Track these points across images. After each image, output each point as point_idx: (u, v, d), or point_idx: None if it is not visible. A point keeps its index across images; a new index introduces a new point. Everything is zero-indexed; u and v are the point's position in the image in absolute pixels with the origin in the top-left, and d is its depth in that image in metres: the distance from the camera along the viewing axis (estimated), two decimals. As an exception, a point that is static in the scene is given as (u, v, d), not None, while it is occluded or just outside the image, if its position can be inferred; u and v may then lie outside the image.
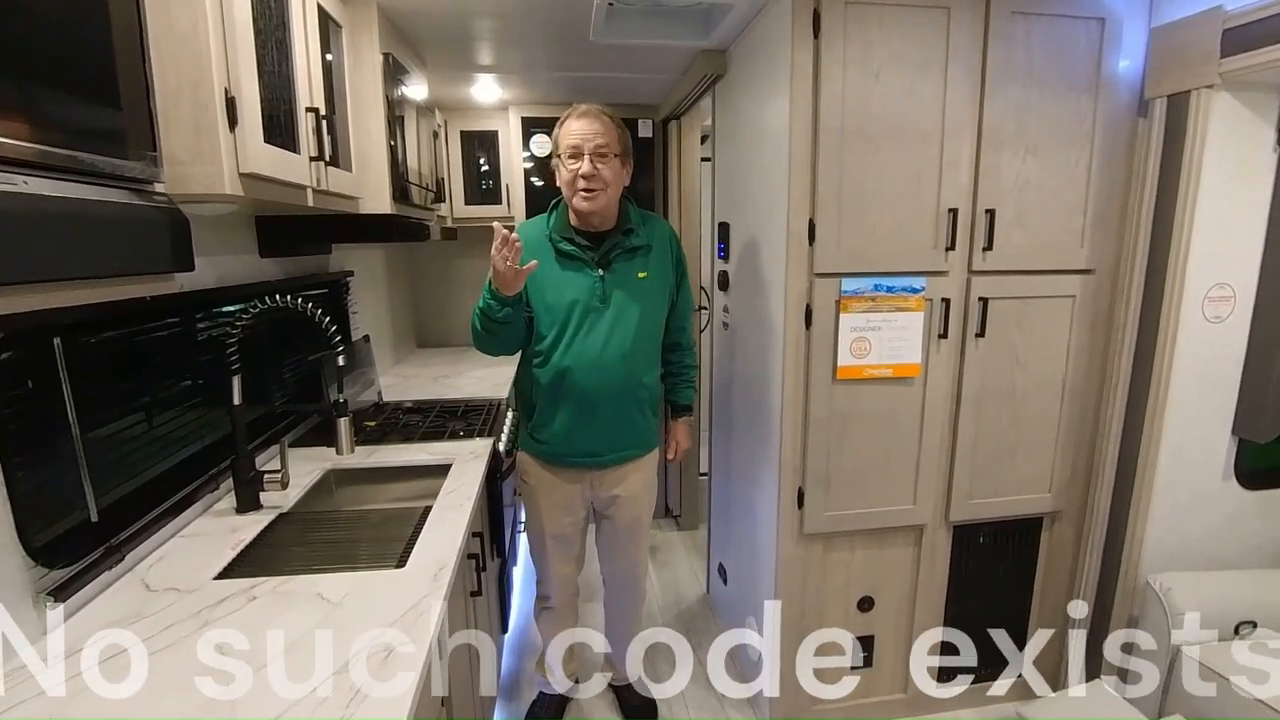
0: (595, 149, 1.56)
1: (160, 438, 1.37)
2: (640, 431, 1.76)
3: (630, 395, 1.69)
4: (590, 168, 1.56)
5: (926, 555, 1.91)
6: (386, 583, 1.14)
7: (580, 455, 1.72)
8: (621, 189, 1.66)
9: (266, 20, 1.20)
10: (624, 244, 1.66)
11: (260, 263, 1.78)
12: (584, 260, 1.64)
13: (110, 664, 0.93)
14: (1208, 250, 1.66)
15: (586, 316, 1.63)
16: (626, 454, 1.76)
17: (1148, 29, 1.71)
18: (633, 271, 1.67)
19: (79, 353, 1.12)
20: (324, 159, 1.41)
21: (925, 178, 1.67)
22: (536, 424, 1.74)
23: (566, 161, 1.59)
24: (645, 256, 1.69)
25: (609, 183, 1.59)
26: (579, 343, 1.63)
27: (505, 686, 2.17)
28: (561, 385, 1.65)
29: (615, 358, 1.63)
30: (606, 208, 1.62)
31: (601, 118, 1.59)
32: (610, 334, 1.63)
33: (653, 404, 1.78)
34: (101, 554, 1.12)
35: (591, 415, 1.67)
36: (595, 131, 1.56)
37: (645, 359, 1.71)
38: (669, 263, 1.74)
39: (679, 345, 1.86)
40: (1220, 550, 1.85)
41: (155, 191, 1.01)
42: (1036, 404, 1.86)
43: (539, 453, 1.76)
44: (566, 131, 1.59)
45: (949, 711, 2.05)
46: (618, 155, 1.60)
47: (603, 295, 1.63)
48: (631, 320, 1.65)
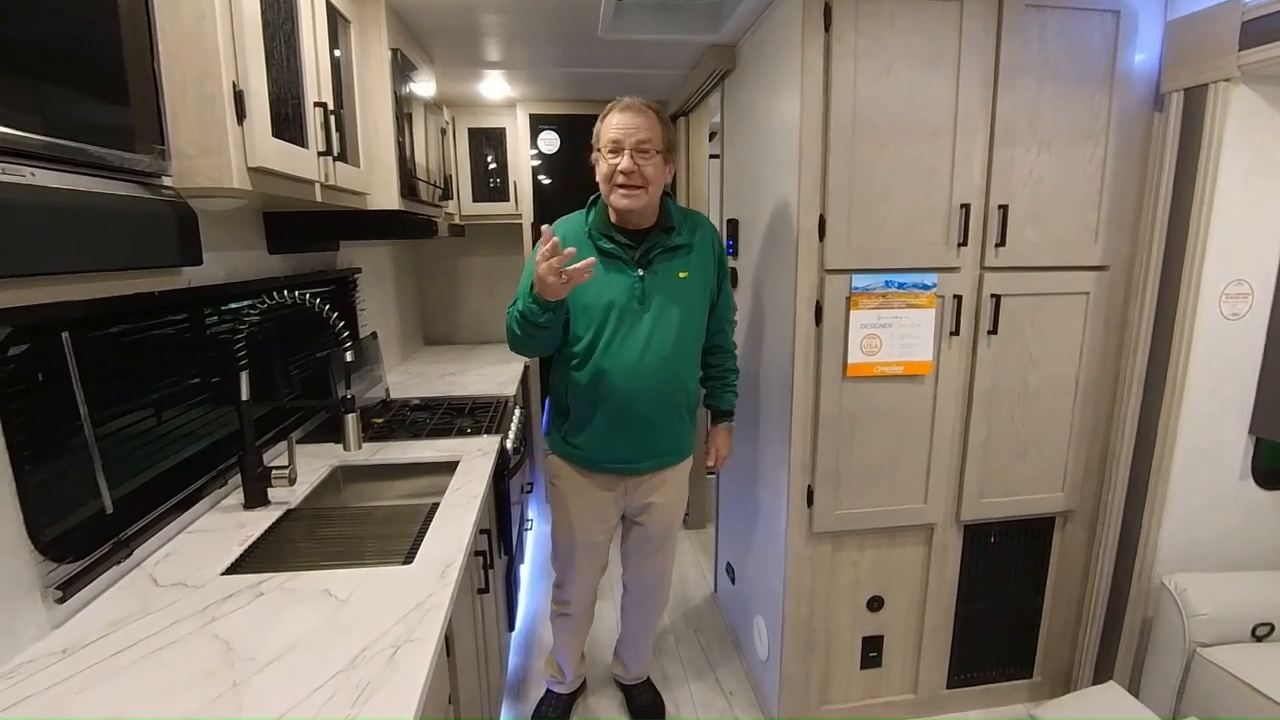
0: (637, 144, 1.49)
1: (168, 433, 1.37)
2: (678, 438, 1.71)
3: (669, 401, 1.63)
4: (631, 163, 1.49)
5: (937, 554, 1.90)
6: (394, 579, 1.14)
7: (616, 462, 1.67)
8: (663, 187, 1.60)
9: (274, 14, 1.20)
10: (664, 243, 1.59)
11: (268, 259, 1.77)
12: (623, 259, 1.57)
13: (117, 659, 0.93)
14: (1225, 246, 1.63)
15: (625, 318, 1.57)
16: (664, 461, 1.71)
17: (1163, 22, 1.68)
18: (673, 271, 1.60)
19: (87, 347, 1.12)
20: (332, 154, 1.40)
21: (937, 173, 1.66)
22: (570, 428, 1.69)
23: (606, 155, 1.53)
24: (686, 256, 1.62)
25: (650, 180, 1.52)
26: (617, 345, 1.57)
27: (512, 684, 2.17)
28: (598, 389, 1.59)
29: (655, 362, 1.58)
30: (646, 206, 1.56)
31: (646, 112, 1.52)
32: (650, 337, 1.57)
33: (691, 410, 1.72)
34: (109, 549, 1.12)
35: (629, 421, 1.61)
36: (638, 126, 1.50)
37: (685, 363, 1.65)
38: (710, 262, 1.68)
39: (720, 348, 1.80)
40: (1237, 551, 1.82)
41: (163, 185, 1.00)
42: (1049, 402, 1.84)
43: (572, 457, 1.71)
44: (608, 125, 1.53)
45: (959, 712, 2.03)
46: (660, 152, 1.53)
47: (642, 296, 1.57)
48: (672, 322, 1.59)
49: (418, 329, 3.54)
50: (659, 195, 1.59)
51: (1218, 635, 1.64)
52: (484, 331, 3.65)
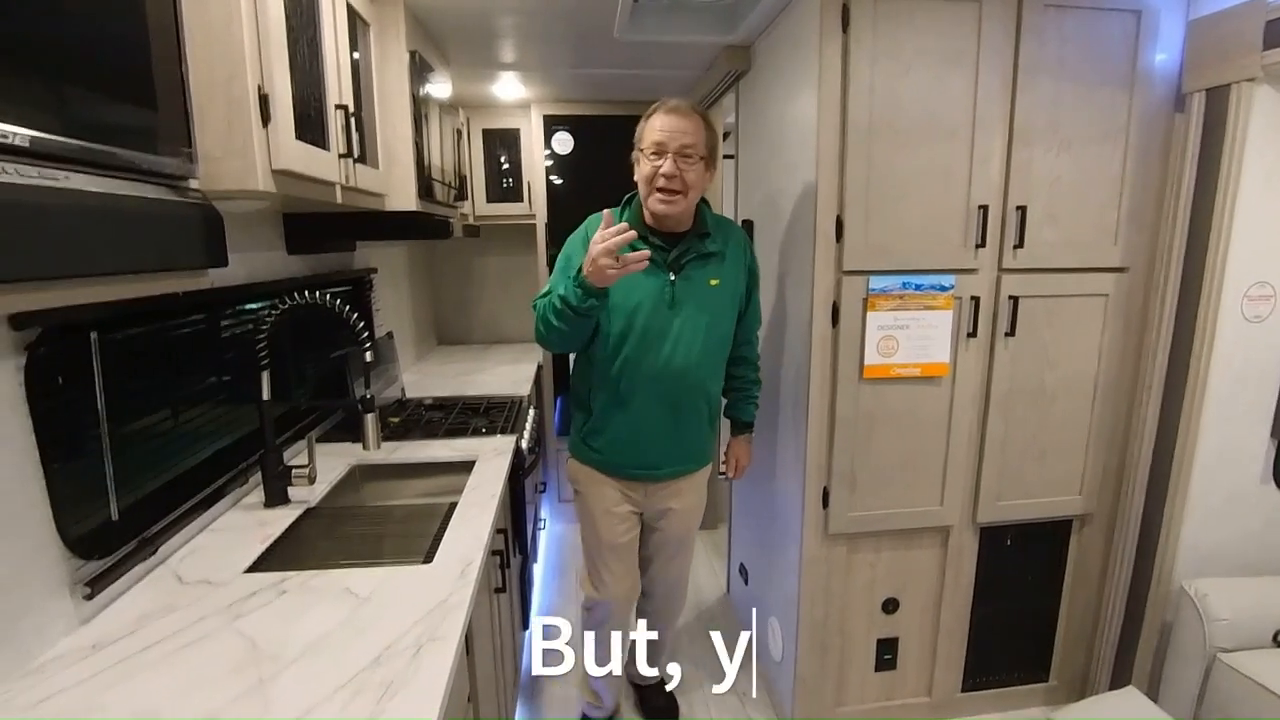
0: (681, 148, 1.46)
1: (190, 432, 1.39)
2: (699, 445, 1.70)
3: (692, 406, 1.62)
4: (673, 168, 1.46)
5: (953, 557, 1.89)
6: (414, 578, 1.15)
7: (636, 467, 1.66)
8: (701, 192, 1.57)
9: (298, 18, 1.21)
10: (698, 249, 1.57)
11: (287, 259, 1.79)
12: (655, 262, 1.51)
13: (144, 655, 0.94)
14: (1247, 248, 1.61)
15: (653, 321, 1.54)
16: (684, 468, 1.70)
17: (1185, 21, 1.67)
18: (705, 278, 1.58)
19: (113, 348, 1.13)
20: (352, 156, 1.41)
21: (955, 174, 1.65)
22: (590, 430, 1.67)
23: (649, 157, 1.49)
24: (719, 264, 1.60)
25: (690, 186, 1.49)
26: (643, 349, 1.54)
27: (526, 683, 2.18)
28: (621, 390, 1.58)
29: (680, 367, 1.56)
30: (684, 212, 1.53)
31: (692, 116, 1.49)
32: (677, 342, 1.55)
33: (714, 418, 1.72)
34: (135, 546, 1.13)
35: (651, 426, 1.60)
36: (684, 130, 1.47)
37: (711, 370, 1.64)
38: (741, 271, 1.66)
39: (745, 359, 1.77)
40: (1258, 556, 1.80)
41: (190, 188, 1.01)
42: (1067, 404, 1.83)
43: (592, 461, 1.69)
44: (652, 126, 1.50)
45: (975, 716, 2.02)
46: (703, 158, 1.50)
47: (672, 300, 1.54)
48: (699, 329, 1.57)
49: (432, 329, 3.56)
50: (697, 200, 1.56)
51: (1238, 640, 1.63)
52: (498, 331, 3.67)
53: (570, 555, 3.08)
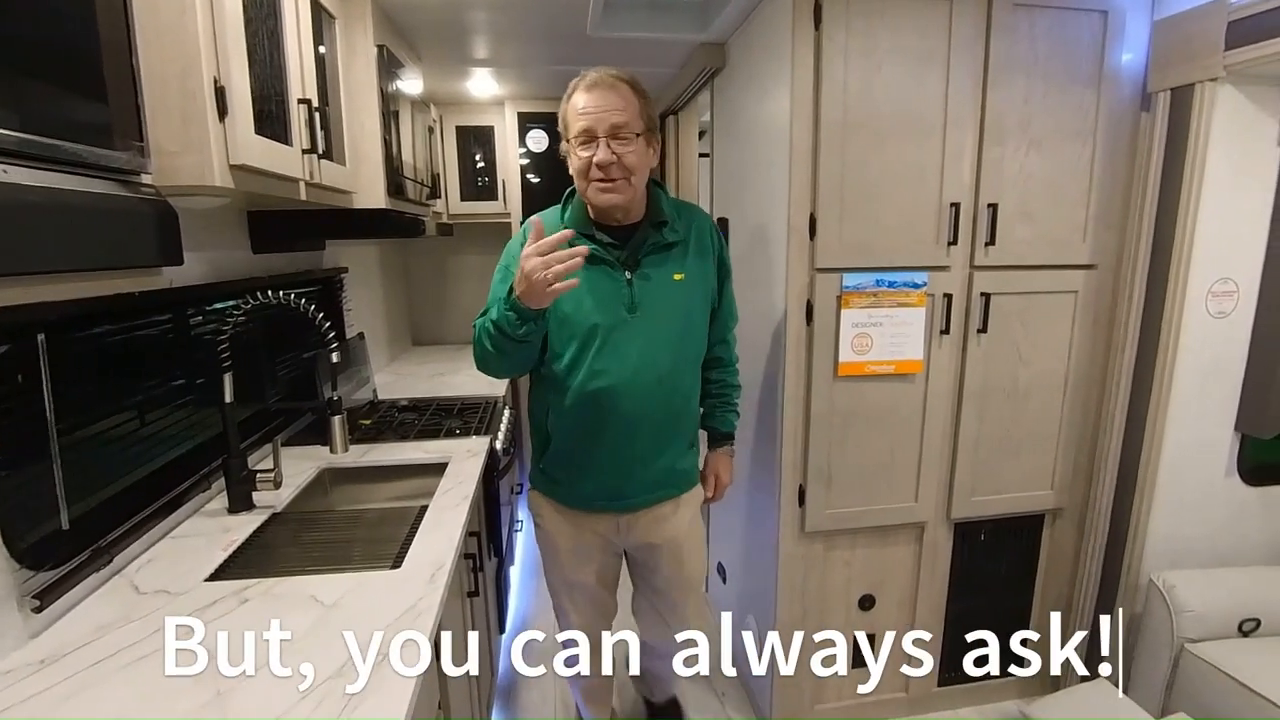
0: (611, 129, 1.25)
1: (150, 436, 1.34)
2: (678, 467, 1.47)
3: (668, 424, 1.41)
4: (607, 154, 1.25)
5: (928, 553, 1.90)
6: (382, 584, 1.12)
7: (604, 498, 1.44)
8: (648, 174, 1.36)
9: (257, 9, 1.17)
10: (655, 240, 1.37)
11: (252, 258, 1.75)
12: (607, 261, 1.34)
13: (98, 669, 0.90)
14: (1211, 245, 1.64)
15: (612, 330, 1.33)
16: (662, 494, 1.47)
17: (1150, 21, 1.69)
18: (667, 273, 1.37)
19: (65, 350, 1.09)
20: (317, 152, 1.38)
21: (927, 171, 1.66)
22: (551, 460, 1.45)
23: (577, 148, 1.29)
24: (682, 255, 1.40)
25: (633, 169, 1.28)
26: (603, 362, 1.33)
27: (503, 687, 2.15)
28: (583, 414, 1.35)
29: (649, 380, 1.35)
30: (632, 199, 1.33)
31: (617, 86, 1.27)
32: (642, 351, 1.34)
33: (693, 433, 1.51)
34: (88, 556, 1.09)
35: (619, 450, 1.38)
36: (610, 107, 1.25)
37: (685, 379, 1.43)
38: (710, 261, 1.45)
39: (720, 361, 1.57)
40: (1223, 547, 1.83)
41: (142, 183, 0.98)
42: (1039, 400, 1.84)
43: (553, 494, 1.48)
44: (574, 109, 1.29)
45: (951, 710, 2.04)
46: (640, 134, 1.29)
47: (630, 303, 1.34)
48: (667, 332, 1.36)
49: (406, 329, 3.51)
50: (644, 184, 1.36)
51: (1205, 631, 1.66)
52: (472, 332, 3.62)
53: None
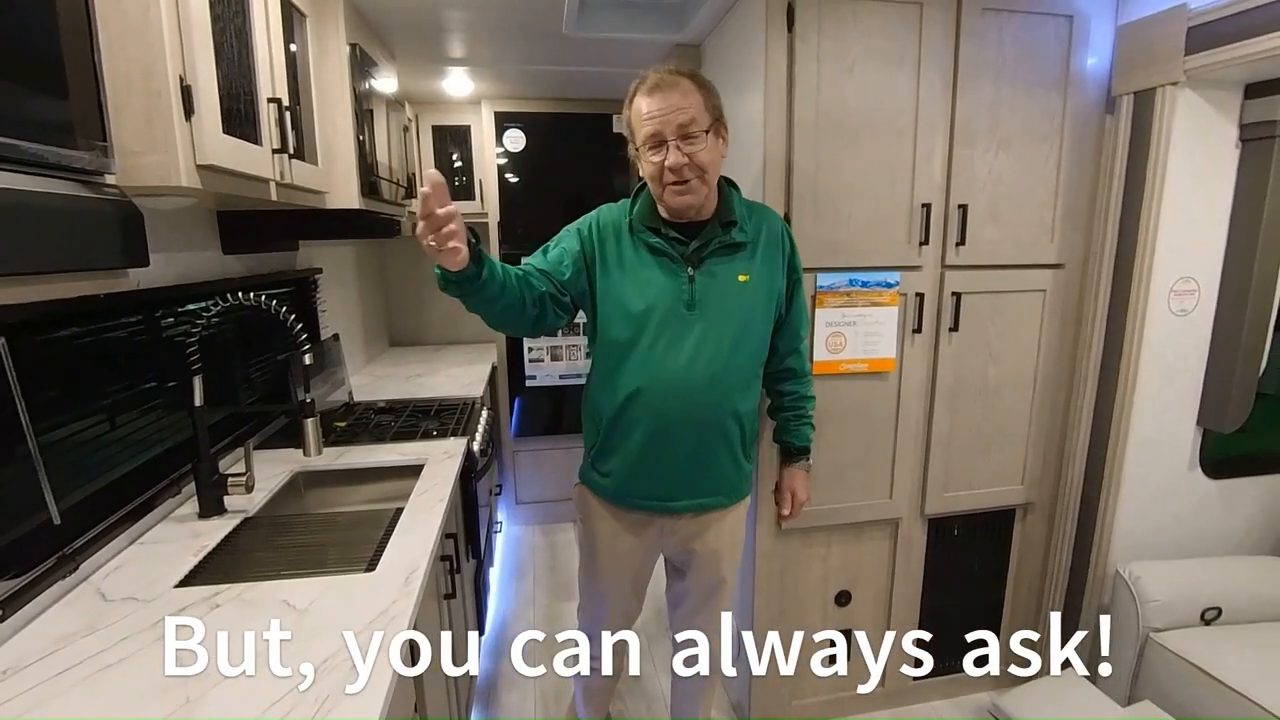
0: (680, 130, 1.23)
1: (117, 441, 1.32)
2: (726, 475, 1.43)
3: (717, 428, 1.37)
4: (679, 157, 1.23)
5: (903, 548, 1.93)
6: (356, 587, 1.11)
7: (648, 498, 1.42)
8: (720, 168, 1.33)
9: (224, 7, 1.16)
10: (722, 239, 1.34)
11: (223, 259, 1.72)
12: (671, 255, 1.32)
13: (63, 678, 0.89)
14: (1173, 245, 1.69)
15: (668, 326, 1.31)
16: (707, 502, 1.43)
17: (1114, 26, 1.73)
18: (731, 274, 1.35)
19: (28, 353, 1.07)
20: (287, 151, 1.36)
21: (899, 173, 1.68)
22: (599, 452, 1.44)
23: (647, 153, 1.27)
24: (749, 256, 1.37)
25: (705, 167, 1.26)
26: (657, 358, 1.32)
27: (482, 689, 2.14)
28: (631, 409, 1.35)
29: (701, 380, 1.32)
30: (706, 198, 1.32)
31: (679, 84, 1.24)
32: (697, 350, 1.32)
33: (746, 442, 1.45)
34: (53, 564, 1.07)
35: (666, 450, 1.36)
36: (676, 106, 1.22)
37: (740, 384, 1.38)
38: (779, 265, 1.41)
39: (793, 372, 1.52)
40: (1186, 539, 1.89)
41: (106, 184, 0.96)
42: (1009, 397, 1.88)
43: (599, 489, 1.47)
44: (638, 114, 1.26)
45: (926, 702, 2.07)
46: (709, 129, 1.26)
47: (690, 301, 1.32)
48: (725, 334, 1.33)
49: (382, 330, 3.47)
50: (716, 180, 1.34)
51: (1170, 620, 1.70)
52: (451, 332, 3.60)
53: (528, 557, 3.05)
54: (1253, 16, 1.43)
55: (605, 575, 1.55)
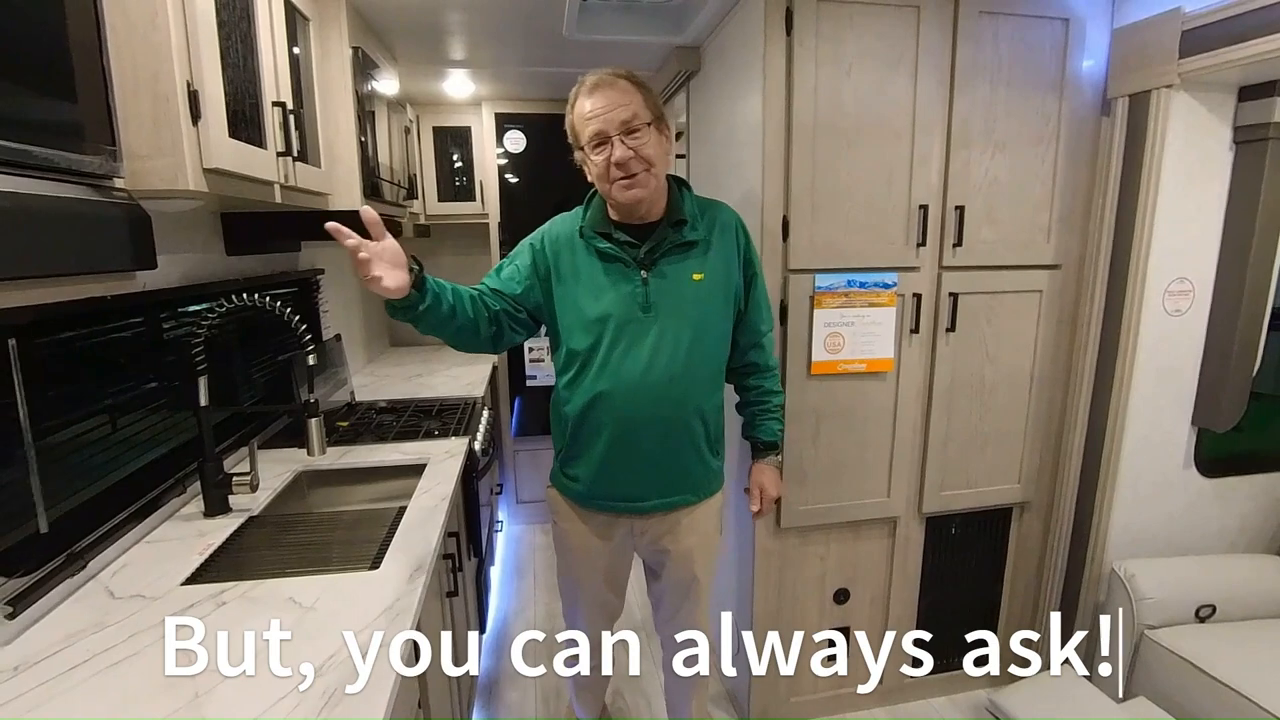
0: (622, 126, 1.25)
1: (124, 441, 1.34)
2: (693, 473, 1.45)
3: (681, 427, 1.39)
4: (624, 150, 1.25)
5: (900, 547, 1.94)
6: (360, 585, 1.13)
7: (616, 500, 1.44)
8: (667, 165, 1.35)
9: (230, 12, 1.17)
10: (673, 239, 1.35)
11: (227, 261, 1.74)
12: (623, 260, 1.34)
13: (72, 674, 0.90)
14: (1168, 246, 1.70)
15: (625, 330, 1.33)
16: (675, 500, 1.45)
17: (1110, 29, 1.74)
18: (685, 273, 1.36)
19: (36, 354, 1.08)
20: (291, 154, 1.38)
21: (897, 174, 1.69)
22: (566, 458, 1.47)
23: (592, 153, 1.29)
24: (703, 254, 1.38)
25: (652, 160, 1.28)
26: (615, 362, 1.34)
27: (483, 686, 2.16)
28: (594, 414, 1.37)
29: (661, 380, 1.34)
30: (655, 192, 1.32)
31: (617, 83, 1.27)
32: (656, 351, 1.33)
33: (713, 439, 1.46)
34: (62, 562, 1.09)
35: (630, 452, 1.38)
36: (617, 104, 1.25)
37: (702, 383, 1.40)
38: (734, 260, 1.42)
39: (756, 367, 1.52)
40: (1181, 537, 1.90)
41: (114, 187, 0.98)
42: (1006, 396, 1.90)
43: (568, 492, 1.49)
44: (580, 115, 1.29)
45: (923, 700, 2.09)
46: (652, 123, 1.29)
47: (645, 303, 1.33)
48: (683, 334, 1.35)
49: (384, 330, 3.49)
50: (664, 175, 1.36)
51: (1164, 617, 1.72)
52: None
53: (529, 556, 3.07)
54: (1246, 20, 1.45)
55: (580, 575, 1.57)
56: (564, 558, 1.59)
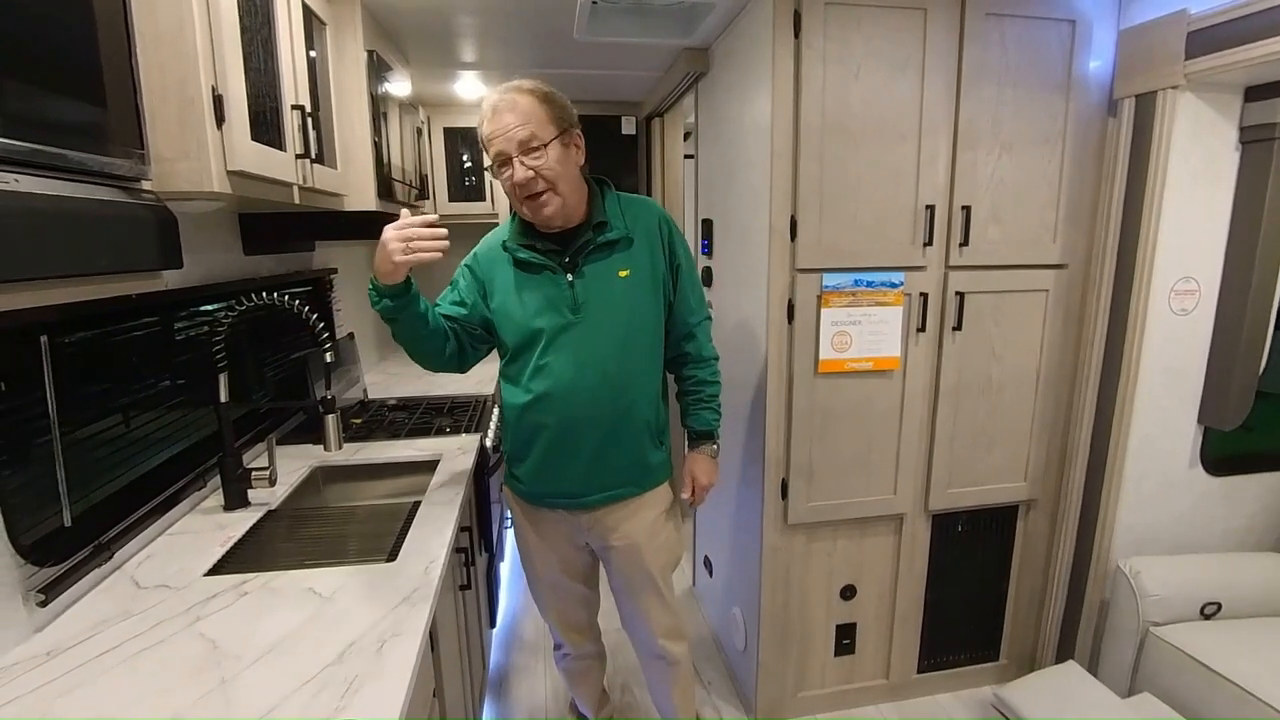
0: (521, 146, 1.27)
1: (146, 436, 1.37)
2: (632, 466, 1.46)
3: (618, 422, 1.41)
4: (523, 172, 1.27)
5: (907, 544, 1.96)
6: (377, 577, 1.16)
7: (558, 496, 1.47)
8: (576, 175, 1.36)
9: (252, 18, 1.20)
10: (595, 240, 1.38)
11: (244, 260, 1.77)
12: (549, 266, 1.38)
13: (101, 660, 0.94)
14: (1174, 245, 1.71)
15: (558, 333, 1.36)
16: (615, 494, 1.47)
17: (1116, 31, 1.75)
18: (610, 271, 1.39)
19: (66, 351, 1.12)
20: (310, 156, 1.41)
21: (903, 175, 1.71)
22: (510, 459, 1.52)
23: (499, 173, 1.31)
24: (626, 251, 1.40)
25: (554, 179, 1.30)
26: (550, 364, 1.37)
27: (494, 680, 2.19)
28: (531, 415, 1.40)
29: (595, 378, 1.37)
30: (564, 206, 1.34)
31: (518, 103, 1.27)
32: (589, 350, 1.37)
33: (654, 431, 1.48)
34: (90, 552, 1.12)
35: (568, 449, 1.41)
36: (512, 124, 1.26)
37: (636, 376, 1.42)
38: (659, 253, 1.44)
39: (690, 357, 1.53)
40: (1187, 535, 1.91)
41: (143, 189, 1.01)
42: (1012, 395, 1.91)
43: (517, 491, 1.54)
44: (484, 138, 1.31)
45: (929, 695, 2.10)
46: (554, 139, 1.29)
47: (574, 305, 1.37)
48: (614, 331, 1.38)
49: (394, 329, 3.52)
50: (575, 187, 1.36)
51: (1169, 615, 1.73)
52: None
53: (537, 553, 3.09)
54: (1252, 22, 1.46)
55: (538, 569, 1.62)
56: (522, 552, 1.64)
